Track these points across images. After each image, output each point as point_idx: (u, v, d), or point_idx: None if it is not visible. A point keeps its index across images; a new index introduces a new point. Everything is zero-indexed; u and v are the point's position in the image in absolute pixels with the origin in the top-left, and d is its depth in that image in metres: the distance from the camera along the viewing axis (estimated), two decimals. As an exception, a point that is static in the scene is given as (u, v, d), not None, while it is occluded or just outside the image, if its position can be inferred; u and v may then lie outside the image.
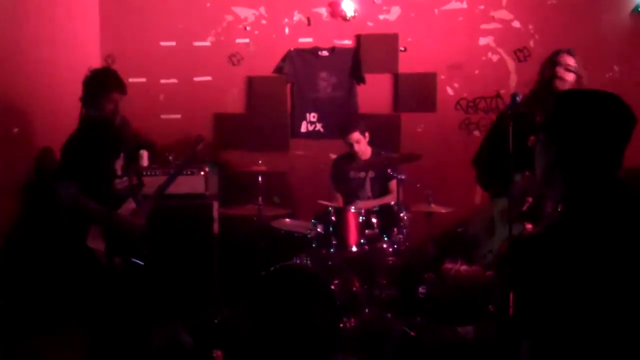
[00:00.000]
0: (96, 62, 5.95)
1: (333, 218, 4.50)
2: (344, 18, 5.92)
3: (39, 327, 4.14)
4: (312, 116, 6.10)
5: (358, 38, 5.98)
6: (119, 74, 4.10)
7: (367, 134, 5.15)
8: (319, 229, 4.53)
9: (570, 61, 3.57)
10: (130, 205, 3.98)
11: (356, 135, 5.07)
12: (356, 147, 5.08)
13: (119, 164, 4.04)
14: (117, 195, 3.99)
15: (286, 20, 6.03)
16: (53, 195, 3.91)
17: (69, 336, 4.04)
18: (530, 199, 3.22)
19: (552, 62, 3.65)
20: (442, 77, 5.93)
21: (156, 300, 4.37)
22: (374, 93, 6.00)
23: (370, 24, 5.95)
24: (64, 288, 4.03)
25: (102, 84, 3.96)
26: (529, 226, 3.22)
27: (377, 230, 4.54)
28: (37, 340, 4.09)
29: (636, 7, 5.56)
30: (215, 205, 5.37)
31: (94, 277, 3.82)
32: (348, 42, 6.01)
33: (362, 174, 5.22)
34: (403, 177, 4.67)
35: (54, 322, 4.15)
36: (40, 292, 4.19)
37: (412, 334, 4.32)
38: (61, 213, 3.92)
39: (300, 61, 6.03)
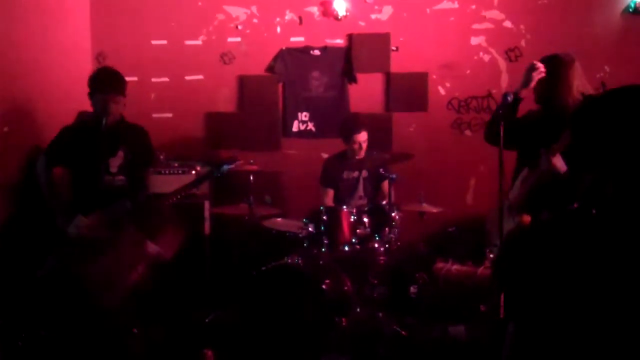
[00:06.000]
0: (87, 61, 5.93)
1: (324, 217, 4.49)
2: (336, 17, 5.92)
3: (33, 327, 4.13)
4: (304, 115, 6.10)
5: (350, 37, 5.97)
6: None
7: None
8: (310, 229, 4.53)
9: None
10: (126, 204, 3.97)
11: (364, 135, 5.02)
12: (363, 146, 5.03)
13: (114, 162, 4.05)
14: (112, 192, 4.01)
15: (278, 19, 6.02)
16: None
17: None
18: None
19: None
20: (434, 76, 5.93)
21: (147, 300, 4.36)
22: (366, 92, 6.00)
23: (362, 23, 5.94)
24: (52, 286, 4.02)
25: (96, 82, 4.03)
26: (526, 219, 3.25)
27: (368, 230, 4.54)
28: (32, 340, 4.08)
29: (627, 8, 5.58)
30: (207, 204, 5.36)
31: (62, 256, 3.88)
32: (340, 42, 6.00)
33: (356, 174, 5.21)
34: (395, 176, 4.67)
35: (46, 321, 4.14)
36: (31, 292, 4.17)
37: (403, 333, 4.33)
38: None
39: (291, 60, 6.02)
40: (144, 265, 3.91)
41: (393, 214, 4.59)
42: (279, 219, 5.12)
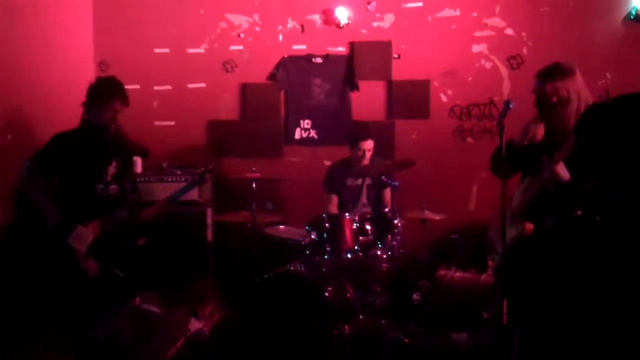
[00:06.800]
0: (90, 69, 5.95)
1: (327, 225, 4.49)
2: (338, 25, 5.93)
3: (31, 331, 4.12)
4: (306, 123, 6.10)
5: (352, 45, 5.99)
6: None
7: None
8: (312, 236, 4.53)
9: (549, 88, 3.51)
10: (121, 213, 3.99)
11: (371, 143, 5.04)
12: (367, 154, 5.04)
13: (110, 171, 4.07)
14: (106, 201, 4.02)
15: (280, 27, 6.04)
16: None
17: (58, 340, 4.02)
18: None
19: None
20: (436, 84, 5.94)
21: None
22: (368, 100, 6.01)
23: (363, 31, 5.96)
24: (52, 294, 4.03)
25: (105, 92, 4.04)
26: (529, 226, 3.24)
27: (371, 237, 4.54)
28: (30, 344, 4.07)
29: (628, 15, 5.59)
30: (209, 212, 5.37)
31: (69, 277, 3.89)
32: (342, 49, 6.01)
33: (359, 181, 5.21)
34: (397, 183, 4.67)
35: (44, 325, 4.14)
36: (31, 299, 4.18)
37: (406, 340, 4.32)
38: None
39: (293, 68, 6.04)
40: (183, 341, 3.93)
41: (395, 221, 4.60)
42: (281, 226, 5.12)
